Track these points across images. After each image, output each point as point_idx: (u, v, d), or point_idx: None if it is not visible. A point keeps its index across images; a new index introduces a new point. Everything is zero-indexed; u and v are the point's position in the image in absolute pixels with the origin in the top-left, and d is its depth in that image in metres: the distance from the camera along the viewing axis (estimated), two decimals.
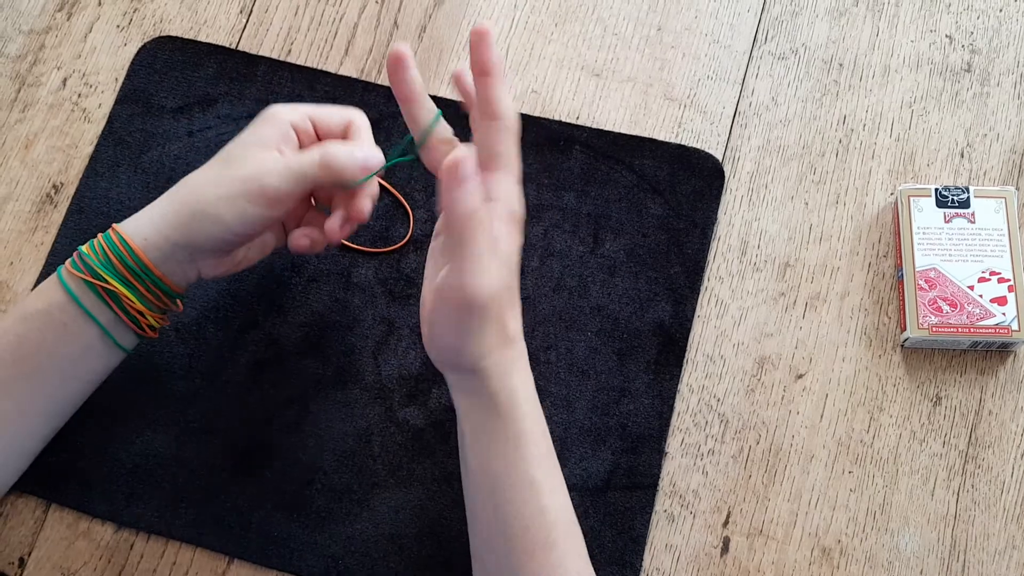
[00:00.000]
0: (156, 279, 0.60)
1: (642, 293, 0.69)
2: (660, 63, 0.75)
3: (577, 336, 0.69)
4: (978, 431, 0.66)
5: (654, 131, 0.74)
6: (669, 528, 0.65)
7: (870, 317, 0.69)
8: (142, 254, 0.59)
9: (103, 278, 0.59)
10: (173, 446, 0.67)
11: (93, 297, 0.59)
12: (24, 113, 0.76)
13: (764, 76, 0.75)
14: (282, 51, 0.77)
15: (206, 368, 0.69)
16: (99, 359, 0.62)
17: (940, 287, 0.67)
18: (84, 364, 0.62)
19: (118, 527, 0.66)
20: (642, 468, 0.66)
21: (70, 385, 0.62)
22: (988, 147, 0.72)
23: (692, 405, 0.68)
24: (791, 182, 0.72)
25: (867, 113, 0.73)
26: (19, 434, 0.62)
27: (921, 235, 0.68)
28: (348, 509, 0.65)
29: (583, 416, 0.67)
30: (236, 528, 0.65)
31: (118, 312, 0.60)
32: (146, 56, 0.77)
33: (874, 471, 0.66)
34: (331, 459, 0.67)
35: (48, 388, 0.61)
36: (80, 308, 0.59)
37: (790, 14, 0.76)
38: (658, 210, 0.71)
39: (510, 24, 0.77)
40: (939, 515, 0.65)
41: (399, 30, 0.77)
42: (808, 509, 0.65)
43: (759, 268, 0.70)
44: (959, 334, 0.66)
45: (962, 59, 0.74)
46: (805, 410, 0.67)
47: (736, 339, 0.69)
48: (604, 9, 0.77)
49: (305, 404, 0.68)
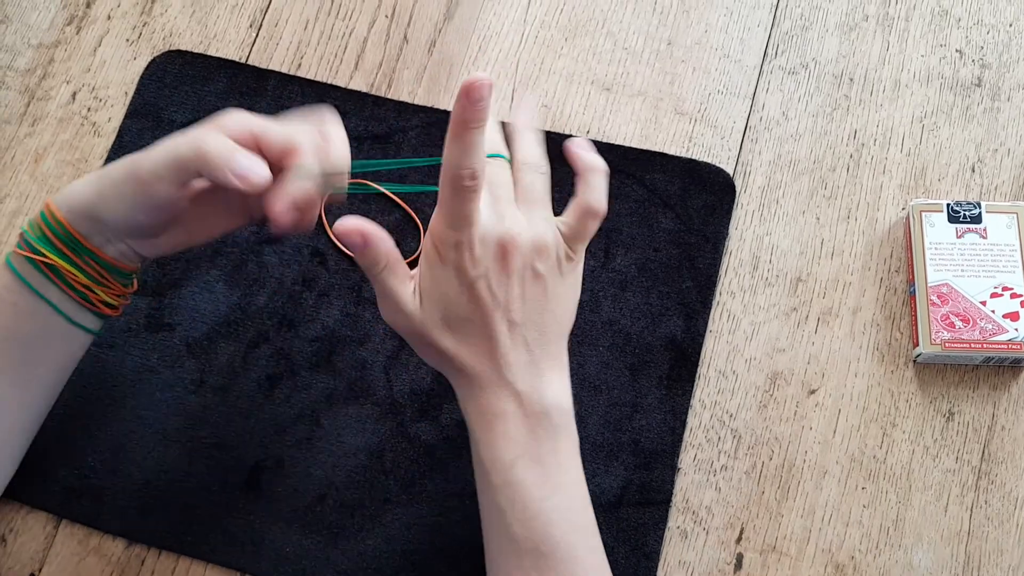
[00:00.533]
0: (90, 252, 0.58)
1: (654, 308, 0.69)
2: (670, 77, 0.75)
3: (589, 351, 0.69)
4: (991, 447, 0.66)
5: (665, 145, 0.74)
6: (682, 544, 0.65)
7: (882, 332, 0.69)
8: (69, 226, 0.57)
9: (41, 252, 0.57)
10: (184, 461, 0.67)
11: (38, 275, 0.58)
12: (34, 127, 0.76)
13: (775, 91, 0.75)
14: (292, 65, 0.77)
15: (217, 383, 0.69)
16: (63, 341, 0.60)
17: (952, 302, 0.67)
18: (46, 347, 0.60)
19: (129, 543, 0.66)
20: (655, 484, 0.66)
21: (38, 371, 0.60)
22: (999, 162, 0.72)
23: (704, 421, 0.67)
24: (802, 197, 0.72)
25: (878, 128, 0.73)
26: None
27: (933, 250, 0.68)
28: (360, 525, 0.65)
29: (595, 432, 0.67)
30: (248, 544, 0.65)
31: (63, 288, 0.58)
32: (156, 70, 0.77)
33: (887, 487, 0.66)
34: (343, 474, 0.66)
35: (15, 375, 0.60)
36: (26, 285, 0.58)
37: (800, 29, 0.76)
38: (669, 224, 0.71)
39: (520, 39, 0.77)
40: (952, 531, 0.65)
41: (409, 44, 0.77)
42: (821, 525, 0.65)
43: (771, 283, 0.70)
44: (972, 350, 0.66)
45: (972, 74, 0.74)
46: (818, 426, 0.67)
47: (748, 354, 0.69)
48: (614, 23, 0.77)
49: (316, 419, 0.68)
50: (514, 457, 0.55)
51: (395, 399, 0.68)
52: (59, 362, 0.61)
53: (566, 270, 0.58)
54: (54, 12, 0.79)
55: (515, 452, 0.55)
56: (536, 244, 0.56)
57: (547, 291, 0.57)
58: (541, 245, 0.56)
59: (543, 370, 0.57)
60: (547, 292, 0.57)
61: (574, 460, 0.57)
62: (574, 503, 0.56)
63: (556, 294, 0.57)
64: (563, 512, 0.55)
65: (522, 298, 0.56)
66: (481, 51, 0.77)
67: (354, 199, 0.72)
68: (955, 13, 0.76)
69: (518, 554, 0.55)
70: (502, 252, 0.55)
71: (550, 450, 0.56)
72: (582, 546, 0.55)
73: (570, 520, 0.55)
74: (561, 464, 0.56)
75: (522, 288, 0.56)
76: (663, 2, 0.77)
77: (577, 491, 0.57)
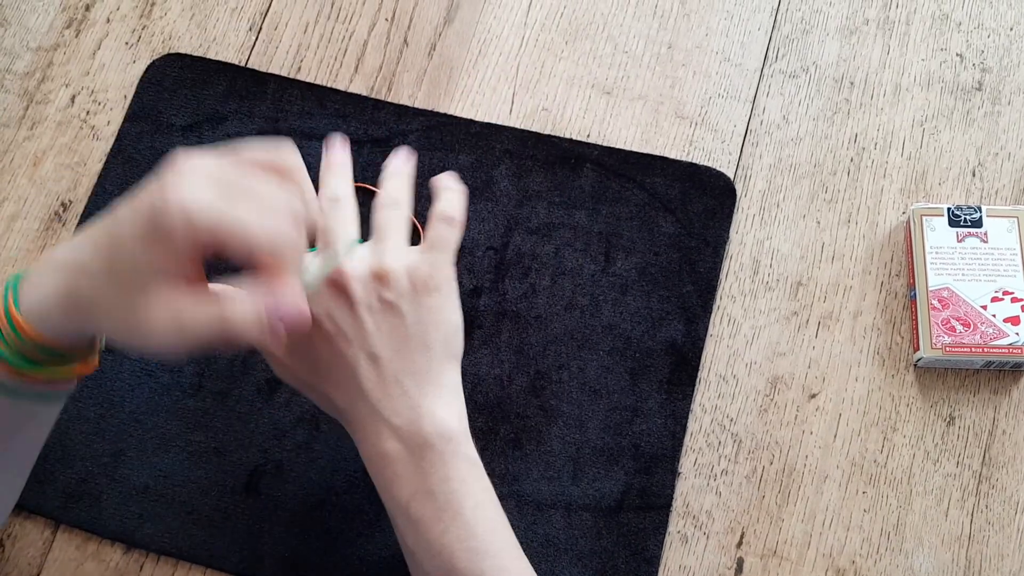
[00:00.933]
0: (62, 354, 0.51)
1: (654, 312, 0.69)
2: (671, 81, 0.75)
3: (589, 355, 0.68)
4: (992, 451, 0.66)
5: (665, 149, 0.74)
6: (683, 549, 0.65)
7: (883, 337, 0.69)
8: (46, 340, 0.49)
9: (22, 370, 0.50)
10: (183, 466, 0.67)
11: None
12: (32, 130, 0.76)
13: (775, 94, 0.75)
14: (292, 69, 0.77)
15: (216, 387, 0.68)
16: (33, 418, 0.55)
17: (953, 307, 0.66)
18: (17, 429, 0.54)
19: (128, 548, 0.66)
20: (655, 488, 0.66)
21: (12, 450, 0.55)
22: (1000, 166, 0.72)
23: (705, 425, 0.67)
24: (803, 201, 0.72)
25: (878, 132, 0.73)
26: None
27: (934, 254, 0.68)
28: (360, 531, 0.65)
29: (595, 436, 0.67)
30: (247, 549, 0.65)
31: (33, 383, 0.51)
32: (155, 73, 0.77)
33: (888, 491, 0.66)
34: (342, 479, 0.66)
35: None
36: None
37: (801, 32, 0.76)
38: (670, 228, 0.71)
39: (520, 42, 0.77)
40: (953, 536, 0.65)
41: (409, 48, 0.77)
42: (822, 530, 0.65)
43: (771, 287, 0.70)
44: (973, 354, 0.65)
45: (973, 78, 0.74)
46: (818, 430, 0.67)
47: (749, 358, 0.69)
48: (614, 27, 0.77)
49: (316, 424, 0.67)
50: (408, 497, 0.54)
51: None
52: (36, 433, 0.56)
53: (426, 292, 0.55)
54: (53, 15, 0.79)
55: (408, 491, 0.54)
56: (376, 273, 0.54)
57: (404, 319, 0.54)
58: (381, 273, 0.54)
59: (418, 400, 0.54)
60: (405, 320, 0.54)
61: (472, 484, 0.54)
62: (475, 529, 0.53)
63: (419, 320, 0.54)
64: (464, 541, 0.53)
65: (377, 330, 0.54)
66: (481, 54, 0.77)
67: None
68: (956, 17, 0.76)
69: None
70: (336, 287, 0.54)
71: (440, 479, 0.53)
72: (490, 570, 0.53)
73: (473, 548, 0.53)
74: (455, 491, 0.54)
75: (374, 319, 0.54)
76: (663, 6, 0.77)
77: (479, 515, 0.54)
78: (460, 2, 0.78)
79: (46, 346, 0.49)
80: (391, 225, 0.56)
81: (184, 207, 0.43)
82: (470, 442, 0.56)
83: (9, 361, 0.49)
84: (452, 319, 0.56)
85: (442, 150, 0.73)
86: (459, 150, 0.73)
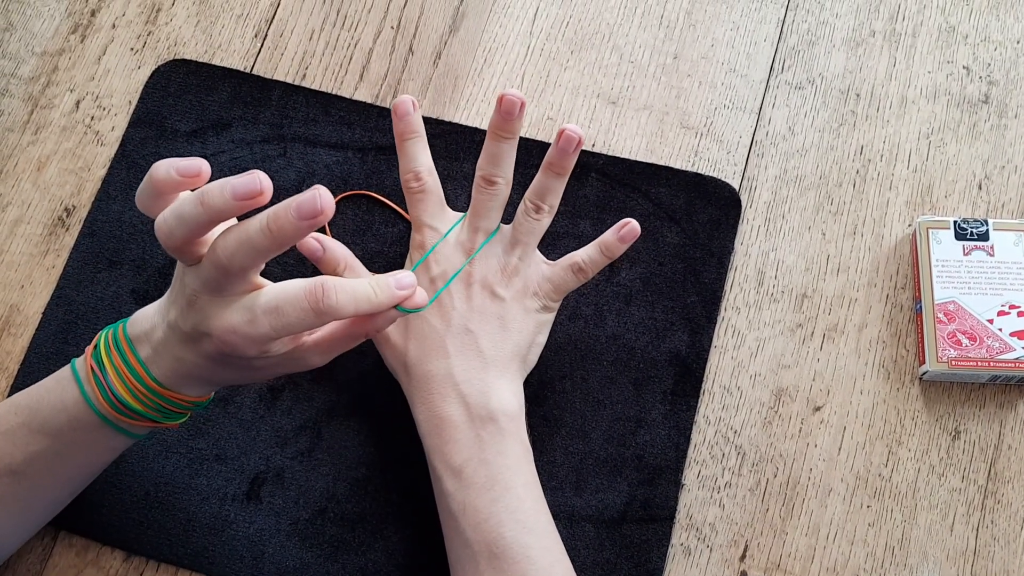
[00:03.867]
0: (175, 402, 0.56)
1: (658, 322, 0.69)
2: (676, 91, 0.75)
3: (593, 365, 0.68)
4: (997, 466, 0.66)
5: (670, 159, 0.73)
6: (686, 562, 0.64)
7: (888, 350, 0.68)
8: (170, 393, 0.55)
9: (134, 411, 0.54)
10: (184, 473, 0.66)
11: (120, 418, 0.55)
12: (37, 135, 0.76)
13: (781, 105, 0.74)
14: (297, 75, 0.77)
15: (218, 394, 0.68)
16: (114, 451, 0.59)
17: (959, 320, 0.66)
18: (103, 457, 0.59)
19: (128, 555, 0.65)
20: (659, 500, 0.65)
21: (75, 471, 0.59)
22: (1006, 179, 0.72)
23: (709, 437, 0.67)
24: (808, 212, 0.72)
25: (884, 144, 0.73)
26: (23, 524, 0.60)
27: (940, 267, 0.67)
28: (362, 539, 0.65)
29: (599, 447, 0.66)
30: (248, 557, 0.64)
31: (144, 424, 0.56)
32: (160, 79, 0.76)
33: (892, 505, 0.65)
34: (344, 487, 0.66)
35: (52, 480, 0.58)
36: (113, 428, 0.56)
37: (807, 44, 0.76)
38: (674, 239, 0.71)
39: (526, 51, 0.77)
40: (958, 551, 0.64)
41: (414, 56, 0.77)
42: (826, 543, 0.65)
43: (776, 299, 0.70)
44: (978, 368, 0.65)
45: (979, 90, 0.74)
46: (823, 443, 0.67)
47: (753, 370, 0.68)
48: (620, 37, 0.77)
49: (318, 431, 0.67)
50: (462, 461, 0.57)
51: (397, 411, 0.67)
52: (95, 467, 0.60)
53: (533, 308, 0.61)
54: (59, 20, 0.79)
55: (463, 456, 0.57)
56: (505, 269, 0.61)
57: (505, 312, 0.60)
58: (511, 271, 0.61)
59: (492, 378, 0.59)
60: (505, 314, 0.60)
61: (524, 465, 0.58)
62: (524, 504, 0.56)
63: (514, 318, 0.60)
64: (513, 513, 0.55)
65: (481, 312, 0.60)
66: (487, 63, 0.76)
67: (358, 210, 0.72)
68: (962, 30, 0.76)
69: (473, 559, 0.55)
70: (467, 272, 0.61)
71: (497, 452, 0.57)
72: (536, 547, 0.55)
73: (521, 521, 0.55)
74: (510, 467, 0.57)
75: (482, 302, 0.60)
76: (669, 16, 0.77)
77: (528, 493, 0.57)
78: (466, 11, 0.78)
79: (191, 401, 0.56)
80: (533, 232, 0.62)
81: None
82: (525, 429, 0.60)
83: (155, 419, 0.55)
84: (539, 339, 0.63)
85: (447, 159, 0.73)
86: (464, 159, 0.73)
